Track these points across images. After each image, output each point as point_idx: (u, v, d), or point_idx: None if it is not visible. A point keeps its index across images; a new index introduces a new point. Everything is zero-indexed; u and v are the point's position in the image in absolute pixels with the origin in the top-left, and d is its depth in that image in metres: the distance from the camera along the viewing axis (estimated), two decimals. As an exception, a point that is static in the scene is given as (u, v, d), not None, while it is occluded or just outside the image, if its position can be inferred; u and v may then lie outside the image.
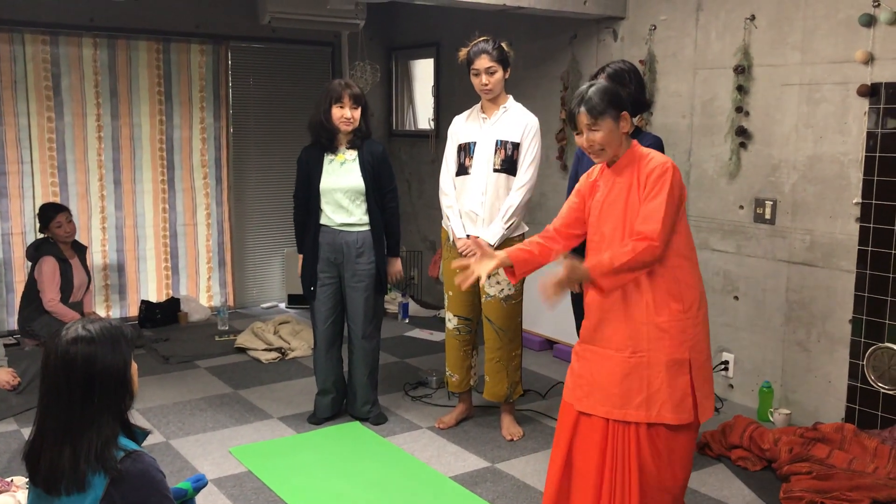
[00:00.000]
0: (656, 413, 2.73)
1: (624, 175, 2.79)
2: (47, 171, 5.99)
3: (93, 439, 1.93)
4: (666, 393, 2.72)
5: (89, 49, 6.01)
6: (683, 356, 2.75)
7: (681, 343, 2.74)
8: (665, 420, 2.73)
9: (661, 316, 2.73)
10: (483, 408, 4.51)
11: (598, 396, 2.80)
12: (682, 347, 2.74)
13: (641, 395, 2.74)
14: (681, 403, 2.74)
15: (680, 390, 2.74)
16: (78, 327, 1.99)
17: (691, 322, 2.77)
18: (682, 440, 2.80)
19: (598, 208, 2.84)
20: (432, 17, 6.68)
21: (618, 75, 3.63)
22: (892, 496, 3.34)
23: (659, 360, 2.73)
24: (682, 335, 2.74)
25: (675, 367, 2.74)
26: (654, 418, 2.73)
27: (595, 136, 2.75)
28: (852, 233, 4.08)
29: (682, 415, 2.75)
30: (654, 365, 2.74)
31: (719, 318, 4.74)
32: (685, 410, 2.75)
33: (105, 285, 6.31)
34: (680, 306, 2.75)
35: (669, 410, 2.73)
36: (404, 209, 7.16)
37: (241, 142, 6.77)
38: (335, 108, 4.10)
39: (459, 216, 4.13)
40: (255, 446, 4.08)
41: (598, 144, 2.76)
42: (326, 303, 4.26)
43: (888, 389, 3.97)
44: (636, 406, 2.75)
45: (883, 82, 3.90)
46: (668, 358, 2.73)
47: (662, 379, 2.73)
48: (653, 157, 2.77)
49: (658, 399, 2.73)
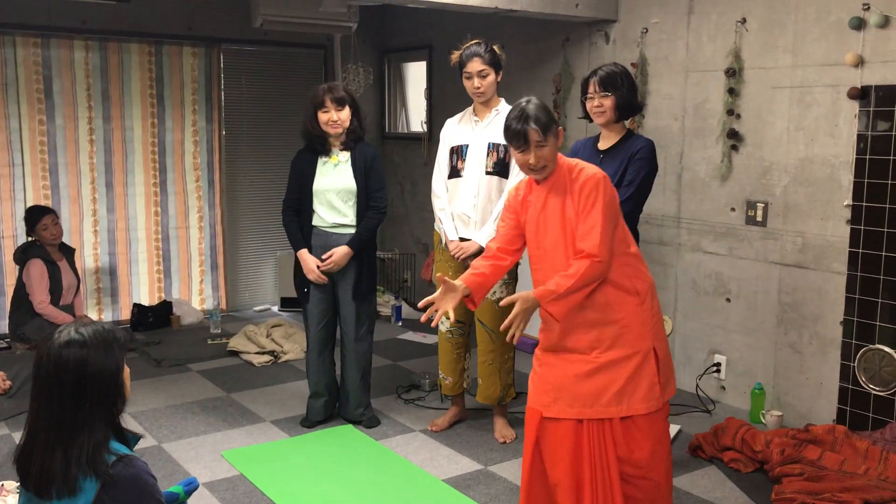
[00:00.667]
0: (627, 406, 2.80)
1: (556, 188, 2.85)
2: (39, 174, 5.97)
3: (84, 443, 1.92)
4: (634, 384, 2.80)
5: (81, 52, 6.00)
6: (648, 346, 2.84)
7: (642, 334, 2.83)
8: (638, 411, 2.81)
9: (620, 313, 2.81)
10: (476, 410, 4.51)
11: (566, 400, 2.84)
12: (645, 338, 2.83)
13: (611, 391, 2.80)
14: (649, 392, 2.83)
15: (647, 380, 2.82)
16: (70, 330, 1.98)
17: (648, 312, 2.86)
18: (656, 425, 2.87)
19: (535, 223, 2.90)
20: (425, 19, 6.69)
21: (609, 78, 3.63)
22: (883, 497, 3.35)
23: (625, 355, 2.81)
24: (642, 327, 2.84)
25: (642, 358, 2.82)
26: (626, 411, 2.80)
27: (543, 153, 2.81)
28: (843, 235, 4.09)
29: (652, 402, 2.84)
30: (621, 360, 2.81)
31: (711, 319, 4.76)
32: (654, 398, 2.84)
33: (97, 288, 6.29)
34: (636, 299, 2.84)
35: (640, 401, 2.81)
36: (397, 211, 7.16)
37: (234, 144, 6.76)
38: (320, 113, 4.10)
39: (452, 219, 4.13)
40: (247, 450, 4.07)
41: (543, 160, 2.82)
42: (319, 305, 4.25)
43: (879, 391, 3.98)
44: (607, 403, 2.81)
45: (873, 85, 3.92)
46: (633, 351, 2.81)
47: (630, 372, 2.80)
48: (583, 169, 2.83)
49: (627, 391, 2.80)
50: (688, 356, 4.91)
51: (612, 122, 3.67)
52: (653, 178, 3.66)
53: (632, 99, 3.68)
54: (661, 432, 2.90)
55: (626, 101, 3.64)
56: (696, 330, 4.85)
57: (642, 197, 3.63)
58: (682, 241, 4.87)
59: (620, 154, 3.62)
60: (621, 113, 3.65)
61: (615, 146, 3.67)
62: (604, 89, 3.62)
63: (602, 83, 3.62)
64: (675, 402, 4.68)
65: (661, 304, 4.96)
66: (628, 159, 3.59)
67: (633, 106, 3.72)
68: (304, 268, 4.18)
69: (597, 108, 3.64)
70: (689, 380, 4.87)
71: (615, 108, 3.62)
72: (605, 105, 3.62)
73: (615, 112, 3.63)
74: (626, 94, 3.64)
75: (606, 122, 3.66)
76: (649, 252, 5.01)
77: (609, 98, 3.61)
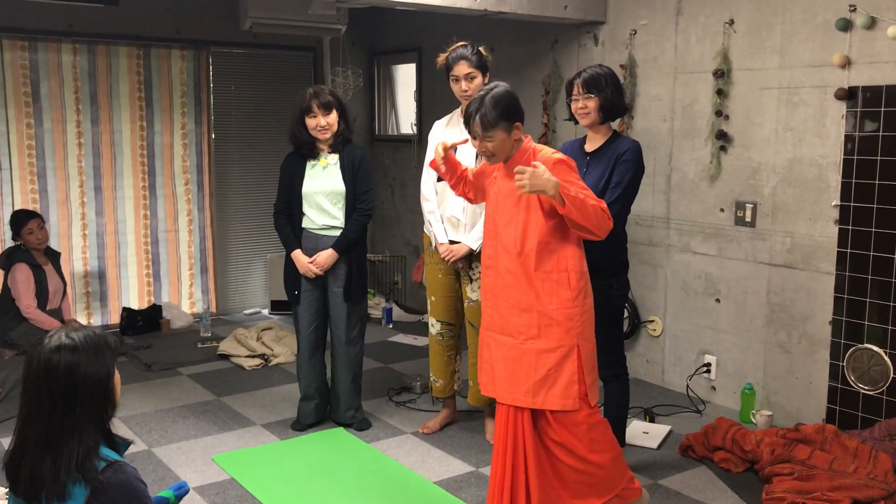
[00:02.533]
0: (542, 400, 2.85)
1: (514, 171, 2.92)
2: (26, 177, 5.94)
3: (74, 449, 1.91)
4: (552, 379, 2.84)
5: (69, 55, 5.97)
6: (572, 343, 2.87)
7: (568, 330, 2.87)
8: (551, 407, 2.85)
9: (550, 304, 2.86)
10: (467, 412, 4.52)
11: (497, 382, 2.94)
12: (570, 334, 2.87)
13: (529, 382, 2.85)
14: (567, 390, 2.85)
15: (566, 377, 2.85)
16: (61, 335, 1.97)
17: (579, 310, 2.90)
18: (579, 423, 2.90)
19: (494, 199, 3.03)
20: (414, 21, 6.69)
21: (594, 80, 3.63)
22: (872, 496, 3.37)
23: (548, 347, 2.85)
24: (569, 322, 2.87)
25: (564, 353, 2.85)
26: (540, 405, 2.85)
27: (486, 145, 2.96)
28: (831, 235, 4.11)
29: (568, 401, 2.86)
30: (543, 352, 2.85)
31: (701, 320, 4.77)
32: (570, 397, 2.86)
33: (86, 292, 6.27)
34: (569, 294, 2.87)
35: (555, 397, 2.85)
36: (388, 214, 7.16)
37: (223, 147, 6.74)
38: (308, 119, 4.11)
39: (441, 221, 4.13)
40: (238, 453, 4.06)
41: (489, 150, 2.97)
42: (309, 308, 4.25)
43: (868, 390, 4.00)
44: (524, 392, 2.86)
45: (860, 86, 3.94)
46: (556, 345, 2.85)
47: (550, 366, 2.84)
48: (543, 151, 2.96)
49: (545, 386, 2.84)
50: (678, 357, 4.93)
51: (598, 124, 3.67)
52: (639, 180, 3.67)
53: (617, 100, 3.67)
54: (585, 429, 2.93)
55: (610, 103, 3.63)
56: (686, 331, 4.87)
57: (629, 199, 3.64)
58: (672, 242, 4.89)
59: (607, 156, 3.63)
60: (606, 114, 3.65)
61: (602, 148, 3.67)
62: (588, 91, 3.62)
63: (586, 85, 3.62)
64: (666, 403, 4.69)
65: (650, 305, 5.02)
66: (615, 161, 3.59)
67: (619, 107, 3.71)
68: (299, 267, 4.18)
69: (581, 109, 3.64)
70: (680, 380, 4.89)
71: (600, 109, 3.62)
72: (589, 107, 3.62)
73: (600, 113, 3.63)
74: (611, 95, 3.63)
75: (591, 123, 3.66)
76: (638, 253, 5.03)
77: (593, 100, 3.61)
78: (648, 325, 5.07)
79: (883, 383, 3.94)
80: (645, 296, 5.08)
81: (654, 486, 3.70)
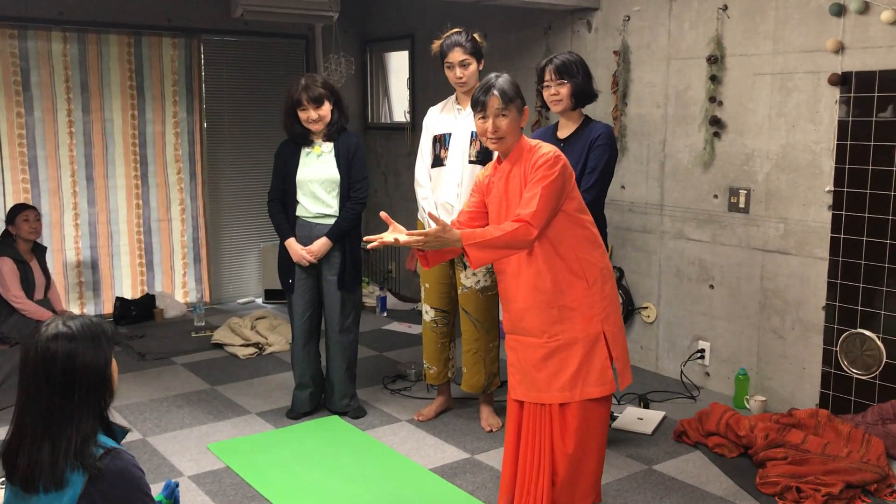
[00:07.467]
0: (580, 391, 2.82)
1: (515, 168, 2.87)
2: (17, 167, 5.91)
3: (72, 436, 1.91)
4: (587, 369, 2.82)
5: (59, 43, 5.93)
6: (597, 329, 2.84)
7: (591, 318, 2.84)
8: (591, 395, 2.82)
9: (567, 296, 2.82)
10: (462, 399, 4.52)
11: (527, 384, 2.90)
12: (594, 322, 2.84)
13: (564, 377, 2.82)
14: (602, 375, 2.84)
15: (599, 363, 2.84)
16: (59, 323, 1.97)
17: (598, 297, 2.85)
18: (599, 414, 2.88)
19: (497, 203, 2.93)
20: (406, 8, 6.66)
21: (566, 66, 3.64)
22: (864, 479, 3.40)
23: (575, 339, 2.82)
24: (590, 311, 2.84)
25: (591, 342, 2.83)
26: (580, 396, 2.82)
27: (501, 123, 2.83)
28: (825, 220, 4.13)
29: (605, 386, 2.84)
30: (571, 345, 2.82)
31: (695, 306, 4.79)
32: (607, 381, 2.85)
33: (79, 283, 6.25)
34: (584, 283, 2.83)
35: (593, 385, 2.82)
36: (381, 201, 7.14)
37: (215, 136, 6.71)
38: (299, 111, 4.10)
39: (435, 207, 4.13)
40: (233, 442, 4.06)
41: (502, 131, 2.83)
42: (304, 296, 4.24)
43: (861, 375, 4.02)
44: (560, 388, 2.83)
45: (853, 71, 3.94)
46: (582, 335, 2.82)
47: (581, 357, 2.81)
48: (540, 147, 2.86)
49: (580, 377, 2.82)
50: (672, 343, 4.94)
51: (570, 110, 3.69)
52: (614, 164, 3.70)
53: (587, 87, 3.70)
54: (601, 422, 2.90)
55: (581, 89, 3.66)
56: (680, 317, 4.88)
57: (606, 182, 3.67)
58: (666, 228, 4.90)
59: (580, 141, 3.65)
60: (577, 100, 3.68)
61: (574, 134, 3.70)
62: (560, 77, 3.63)
63: (558, 71, 3.64)
64: (660, 389, 4.71)
65: (644, 291, 5.03)
66: (589, 146, 3.62)
67: (589, 94, 3.73)
68: (293, 255, 4.17)
69: (554, 96, 3.66)
70: (674, 366, 4.90)
71: (571, 95, 3.64)
72: (561, 93, 3.64)
73: (571, 100, 3.65)
74: (582, 81, 3.66)
75: (563, 109, 3.68)
76: (632, 240, 5.03)
77: (565, 86, 3.63)
78: (642, 312, 5.09)
79: (876, 368, 3.97)
80: (639, 282, 5.09)
81: (649, 471, 3.72)
